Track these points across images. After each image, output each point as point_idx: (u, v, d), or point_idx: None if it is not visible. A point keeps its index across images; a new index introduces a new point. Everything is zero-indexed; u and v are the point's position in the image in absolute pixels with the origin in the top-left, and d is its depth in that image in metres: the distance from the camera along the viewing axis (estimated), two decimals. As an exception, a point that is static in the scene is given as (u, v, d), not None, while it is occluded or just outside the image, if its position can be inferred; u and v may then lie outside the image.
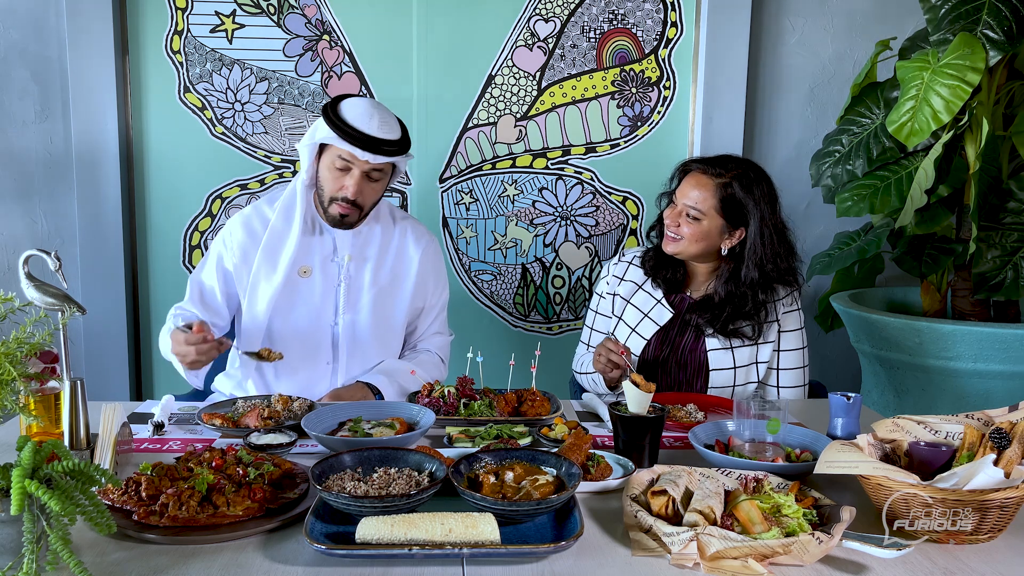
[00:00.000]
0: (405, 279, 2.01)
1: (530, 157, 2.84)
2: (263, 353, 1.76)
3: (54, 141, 2.71)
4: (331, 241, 1.96)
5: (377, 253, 1.99)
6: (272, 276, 1.91)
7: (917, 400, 2.44)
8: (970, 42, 2.19)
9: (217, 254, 1.97)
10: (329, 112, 1.84)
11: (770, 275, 1.87)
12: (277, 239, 1.92)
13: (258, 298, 1.92)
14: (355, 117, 1.83)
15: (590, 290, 2.92)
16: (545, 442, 1.49)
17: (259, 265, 1.92)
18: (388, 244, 2.01)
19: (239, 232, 1.96)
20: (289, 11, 2.71)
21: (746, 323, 1.89)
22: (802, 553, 1.04)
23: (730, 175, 1.86)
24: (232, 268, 1.95)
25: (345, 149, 1.83)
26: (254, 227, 1.96)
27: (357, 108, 1.86)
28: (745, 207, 1.85)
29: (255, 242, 1.94)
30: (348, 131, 1.82)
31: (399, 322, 2.03)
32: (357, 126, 1.82)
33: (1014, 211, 2.38)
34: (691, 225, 1.87)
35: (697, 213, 1.86)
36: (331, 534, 1.10)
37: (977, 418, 1.29)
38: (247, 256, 1.94)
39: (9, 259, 2.78)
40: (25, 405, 1.17)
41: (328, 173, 1.88)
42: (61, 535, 0.94)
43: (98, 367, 2.78)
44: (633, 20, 2.78)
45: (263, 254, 1.92)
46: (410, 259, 2.02)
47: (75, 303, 1.32)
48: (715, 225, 1.87)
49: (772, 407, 1.44)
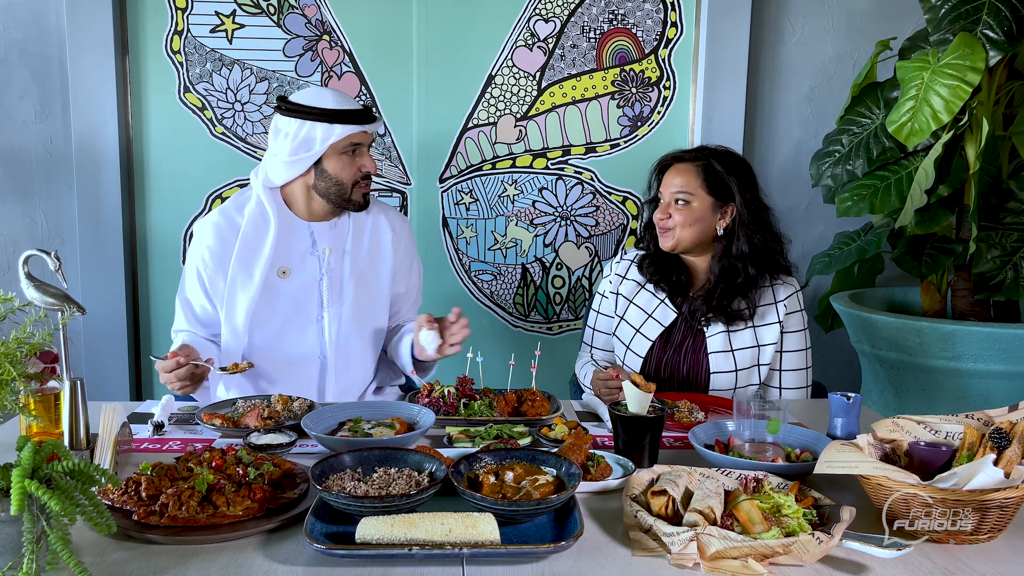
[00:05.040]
0: (382, 264, 2.01)
1: (530, 157, 2.84)
2: (229, 368, 1.73)
3: (54, 141, 2.71)
4: (309, 236, 1.96)
5: (353, 242, 1.98)
6: (248, 284, 1.89)
7: (917, 400, 2.44)
8: (970, 42, 2.19)
9: (195, 268, 1.95)
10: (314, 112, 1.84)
11: (758, 247, 1.88)
12: (250, 247, 1.90)
13: (236, 307, 1.90)
14: (331, 102, 1.86)
15: (590, 290, 2.92)
16: (545, 442, 1.49)
17: (234, 274, 1.90)
18: (362, 231, 2.00)
19: (211, 240, 1.93)
20: (289, 11, 2.71)
21: (741, 301, 1.89)
22: (802, 553, 1.04)
23: (707, 156, 1.91)
24: (208, 278, 1.93)
25: (355, 132, 1.86)
26: (225, 235, 1.93)
27: (321, 95, 1.88)
28: (729, 182, 1.88)
29: (227, 251, 1.91)
30: (344, 115, 1.84)
31: (382, 307, 2.02)
32: (342, 107, 1.86)
33: (1014, 211, 2.38)
34: (682, 212, 1.88)
35: (685, 195, 1.88)
36: (331, 534, 1.10)
37: (977, 418, 1.29)
38: (221, 264, 1.92)
39: (9, 259, 2.78)
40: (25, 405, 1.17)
41: (339, 164, 1.88)
42: (61, 535, 0.94)
43: (98, 367, 2.78)
44: (633, 20, 2.78)
45: (237, 263, 1.90)
46: (385, 244, 2.02)
47: (75, 303, 1.32)
48: (705, 205, 1.88)
49: (772, 407, 1.44)
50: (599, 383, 1.79)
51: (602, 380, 1.78)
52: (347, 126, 1.85)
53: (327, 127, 1.84)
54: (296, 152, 1.87)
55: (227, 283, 1.90)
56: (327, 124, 1.84)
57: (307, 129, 1.85)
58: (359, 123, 1.87)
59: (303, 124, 1.85)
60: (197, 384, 1.74)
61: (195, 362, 1.70)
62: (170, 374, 1.68)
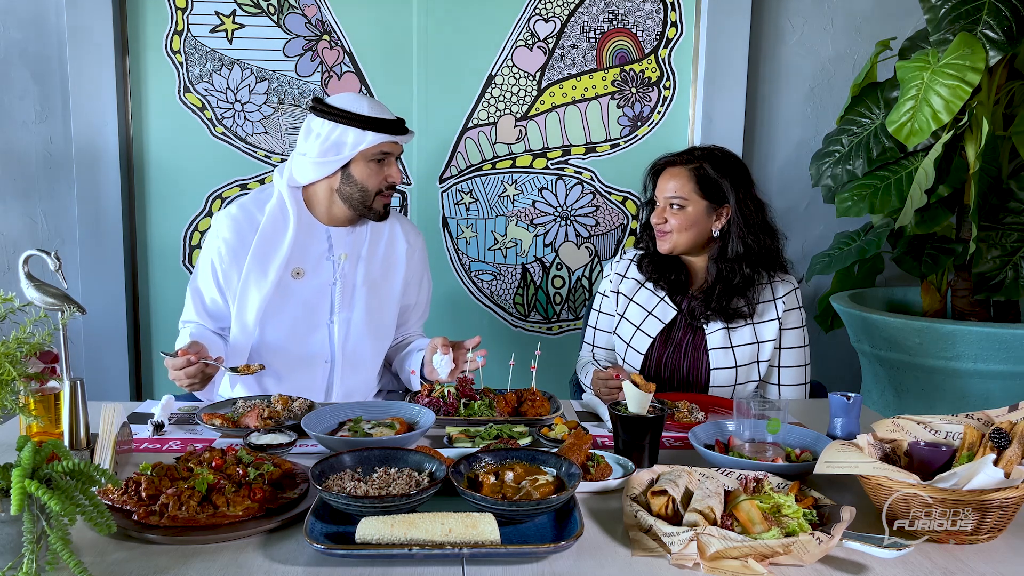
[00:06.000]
0: (394, 274, 2.02)
1: (530, 157, 2.84)
2: (241, 369, 1.72)
3: (54, 141, 2.71)
4: (326, 239, 1.96)
5: (368, 250, 1.99)
6: (262, 282, 1.89)
7: (917, 400, 2.44)
8: (970, 42, 2.19)
9: (209, 260, 1.95)
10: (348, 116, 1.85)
11: (752, 248, 1.88)
12: (268, 244, 1.91)
13: (248, 304, 1.90)
14: (367, 109, 1.87)
15: (590, 290, 2.92)
16: (545, 442, 1.49)
17: (248, 269, 1.90)
18: (378, 240, 2.01)
19: (228, 233, 1.93)
20: (289, 11, 2.71)
21: (740, 299, 1.90)
22: (802, 553, 1.04)
23: (699, 159, 1.92)
24: (222, 271, 1.93)
25: (386, 141, 1.87)
26: (243, 230, 1.93)
27: (358, 101, 1.88)
28: (722, 185, 1.89)
29: (244, 246, 1.91)
30: (378, 124, 1.86)
31: (390, 317, 2.03)
32: (377, 115, 1.87)
33: (1014, 211, 2.38)
34: (677, 216, 1.90)
35: (680, 200, 1.89)
36: (331, 534, 1.10)
37: (977, 418, 1.29)
38: (236, 258, 1.92)
39: (9, 259, 2.78)
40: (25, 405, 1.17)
41: (367, 171, 1.89)
42: (61, 535, 0.94)
43: (98, 367, 2.78)
44: (633, 20, 2.78)
45: (253, 259, 1.90)
46: (399, 255, 2.02)
47: (75, 303, 1.32)
48: (699, 209, 1.89)
49: (772, 407, 1.44)
50: (599, 383, 1.79)
51: (603, 380, 1.78)
52: (379, 135, 1.86)
53: (360, 133, 1.85)
54: (325, 154, 1.87)
55: (241, 279, 1.90)
56: (360, 130, 1.85)
57: (339, 133, 1.86)
58: (392, 133, 1.88)
59: (336, 127, 1.86)
60: (205, 382, 1.73)
61: (205, 360, 1.69)
62: (179, 371, 1.68)
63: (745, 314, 1.90)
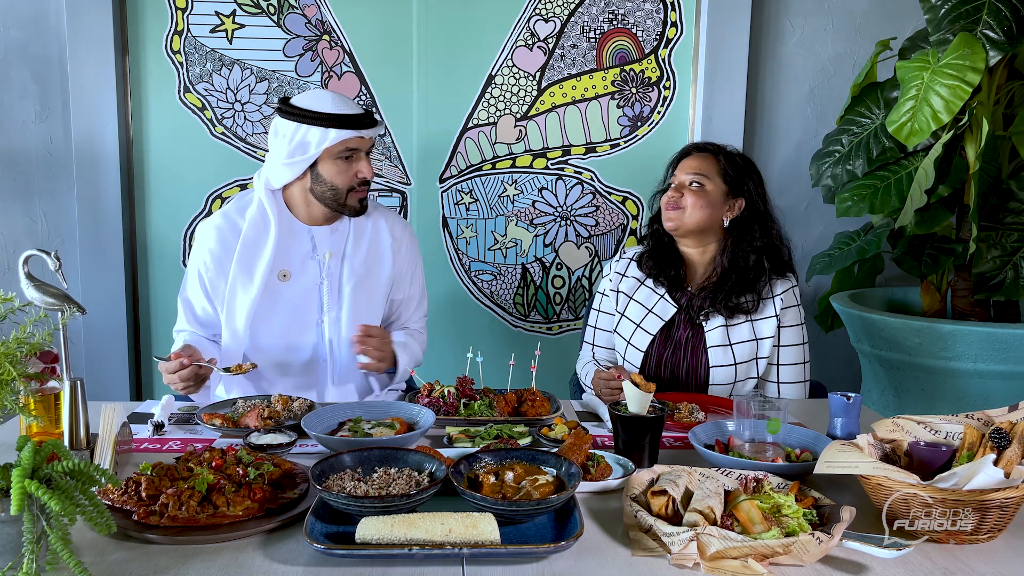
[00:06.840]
0: (379, 269, 2.00)
1: (530, 157, 2.84)
2: (233, 369, 1.72)
3: (54, 141, 2.71)
4: (309, 240, 1.96)
5: (352, 247, 1.98)
6: (249, 287, 1.89)
7: (917, 400, 2.44)
8: (970, 42, 2.19)
9: (196, 269, 1.95)
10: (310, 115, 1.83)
11: (774, 242, 1.94)
12: (251, 249, 1.90)
13: (236, 310, 1.90)
14: (330, 105, 1.84)
15: (590, 290, 2.93)
16: (545, 442, 1.49)
17: (234, 276, 1.90)
18: (361, 236, 2.00)
19: (212, 243, 1.93)
20: (289, 11, 2.71)
21: (748, 295, 1.91)
22: (802, 553, 1.04)
23: (726, 152, 1.98)
24: (209, 281, 1.93)
25: (350, 137, 1.84)
26: (226, 238, 1.93)
27: (320, 98, 1.86)
28: (742, 177, 1.93)
29: (228, 253, 1.91)
30: (340, 120, 1.83)
31: (376, 312, 2.02)
32: (342, 111, 1.84)
33: (1014, 211, 2.38)
34: (695, 194, 1.92)
35: (701, 179, 1.92)
36: (331, 534, 1.10)
37: (977, 418, 1.29)
38: (222, 267, 1.92)
39: (9, 259, 2.78)
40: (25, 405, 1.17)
41: (335, 169, 1.87)
42: (61, 535, 0.94)
43: (98, 367, 2.78)
44: (633, 20, 2.78)
45: (238, 266, 1.90)
46: (384, 249, 2.01)
47: (75, 303, 1.32)
48: (719, 191, 1.92)
49: (772, 407, 1.44)
50: (600, 383, 1.79)
51: (603, 380, 1.78)
52: (342, 131, 1.83)
53: (322, 131, 1.83)
54: (292, 155, 1.86)
55: (228, 285, 1.90)
56: (322, 128, 1.83)
57: (303, 132, 1.84)
58: (355, 128, 1.85)
59: (299, 127, 1.84)
60: (200, 384, 1.74)
61: (198, 363, 1.70)
62: (173, 375, 1.68)
63: (747, 309, 1.91)
